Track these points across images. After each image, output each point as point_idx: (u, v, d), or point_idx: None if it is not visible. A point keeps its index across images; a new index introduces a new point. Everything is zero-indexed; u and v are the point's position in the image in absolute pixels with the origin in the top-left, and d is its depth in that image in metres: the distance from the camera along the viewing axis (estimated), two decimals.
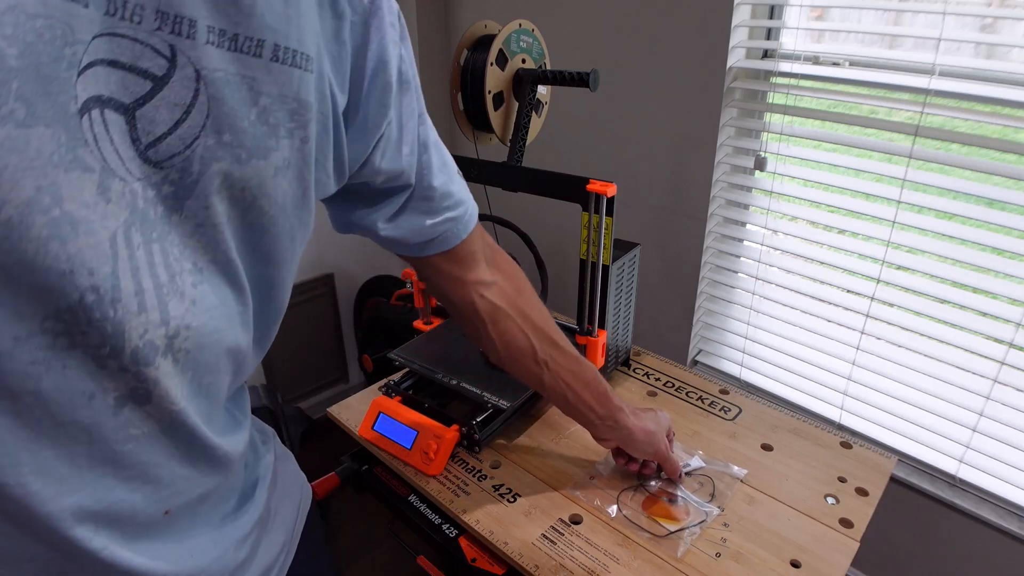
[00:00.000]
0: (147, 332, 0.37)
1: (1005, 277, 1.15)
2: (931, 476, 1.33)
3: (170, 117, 0.35)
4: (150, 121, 0.34)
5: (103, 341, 0.35)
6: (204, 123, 0.36)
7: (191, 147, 0.36)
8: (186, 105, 0.35)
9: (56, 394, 0.34)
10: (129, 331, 0.36)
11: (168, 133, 0.35)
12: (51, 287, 0.32)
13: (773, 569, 0.71)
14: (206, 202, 0.38)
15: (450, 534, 0.80)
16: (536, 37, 1.01)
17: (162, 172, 0.35)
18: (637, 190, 1.61)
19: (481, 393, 0.89)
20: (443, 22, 1.98)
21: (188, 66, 0.34)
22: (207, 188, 0.38)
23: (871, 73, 1.22)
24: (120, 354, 0.36)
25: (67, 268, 0.32)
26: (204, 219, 0.39)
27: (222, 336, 0.42)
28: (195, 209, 0.38)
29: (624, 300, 1.00)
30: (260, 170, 0.40)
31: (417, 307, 1.12)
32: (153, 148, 0.35)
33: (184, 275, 0.38)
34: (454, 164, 0.62)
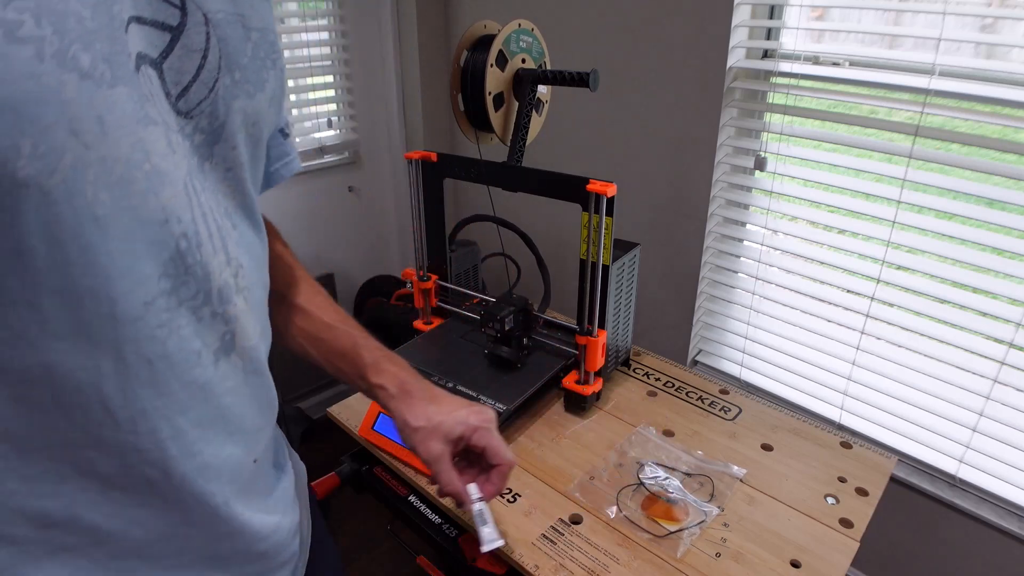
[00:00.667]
0: (223, 271, 0.39)
1: (1005, 277, 1.15)
2: (931, 476, 1.33)
3: (192, 65, 0.35)
4: (176, 71, 0.35)
5: (197, 289, 0.36)
6: (219, 64, 0.37)
7: (213, 90, 0.37)
8: (203, 50, 0.35)
9: (179, 355, 0.36)
10: (212, 272, 0.37)
11: (193, 81, 0.36)
12: (156, 240, 0.33)
13: (773, 569, 0.71)
14: (233, 142, 0.40)
15: (450, 534, 0.80)
16: (536, 36, 1.01)
17: (192, 121, 0.36)
18: (637, 190, 1.61)
19: (478, 396, 0.89)
20: (443, 22, 1.98)
21: (197, 11, 0.35)
22: (233, 129, 0.39)
23: (871, 73, 1.22)
24: (210, 298, 0.38)
25: (163, 218, 0.34)
26: (232, 162, 0.40)
27: (262, 274, 0.45)
28: (223, 153, 0.39)
29: (624, 300, 1.00)
30: (261, 104, 0.41)
31: (417, 307, 1.12)
32: (183, 98, 0.35)
33: (225, 218, 0.40)
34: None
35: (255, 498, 0.46)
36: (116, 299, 0.32)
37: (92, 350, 0.32)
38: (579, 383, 0.94)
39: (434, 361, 0.97)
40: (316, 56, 1.84)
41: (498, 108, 0.99)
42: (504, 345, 0.96)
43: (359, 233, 2.11)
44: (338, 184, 2.02)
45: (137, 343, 0.34)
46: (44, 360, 0.31)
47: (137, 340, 0.34)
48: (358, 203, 2.08)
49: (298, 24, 1.82)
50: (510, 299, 0.97)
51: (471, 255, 1.15)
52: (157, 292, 0.34)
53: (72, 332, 0.31)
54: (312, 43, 1.82)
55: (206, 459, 0.39)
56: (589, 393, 0.93)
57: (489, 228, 1.12)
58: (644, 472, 0.84)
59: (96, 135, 0.29)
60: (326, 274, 2.05)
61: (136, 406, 0.35)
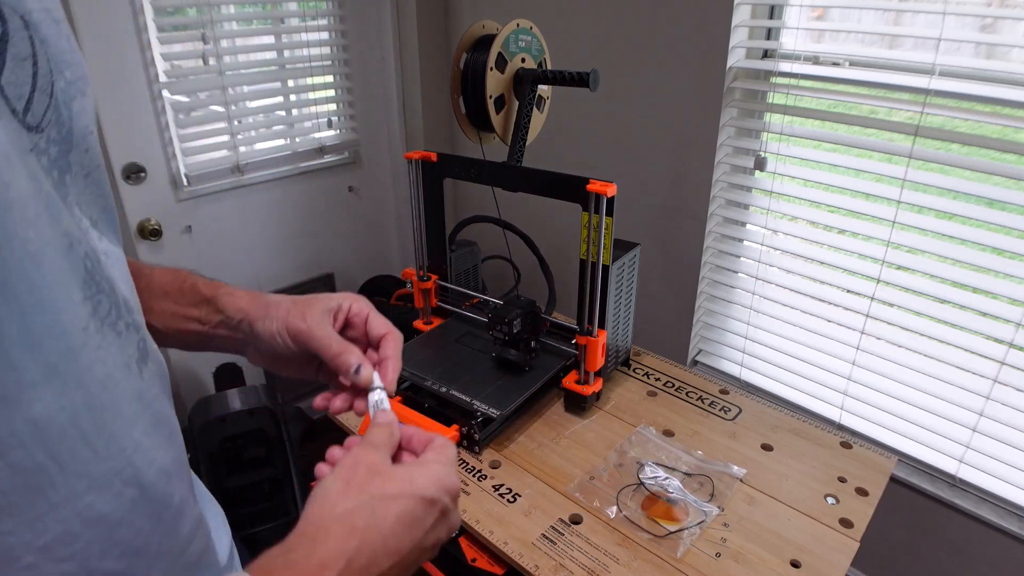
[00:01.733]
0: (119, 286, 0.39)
1: (1005, 277, 1.15)
2: (931, 476, 1.33)
3: (26, 75, 0.33)
4: (15, 86, 0.32)
5: (110, 305, 0.37)
6: (49, 68, 0.35)
7: (52, 95, 0.35)
8: (31, 56, 0.33)
9: (118, 372, 0.36)
10: (116, 285, 0.38)
11: (32, 91, 0.34)
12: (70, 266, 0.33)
13: (773, 569, 0.71)
14: (85, 144, 0.38)
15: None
16: (535, 34, 1.01)
17: (44, 134, 0.34)
18: (637, 190, 1.61)
19: (471, 401, 0.88)
20: (443, 22, 1.98)
21: (14, 16, 0.33)
22: (80, 131, 0.38)
23: (871, 73, 1.22)
24: (120, 311, 0.38)
25: (68, 242, 0.33)
26: (89, 166, 0.39)
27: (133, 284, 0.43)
28: (79, 159, 0.38)
29: (624, 300, 1.00)
30: (91, 101, 0.39)
31: (417, 307, 1.12)
32: (28, 112, 0.33)
33: (92, 230, 0.39)
34: None
35: (197, 495, 0.48)
36: (67, 330, 0.32)
37: (64, 388, 0.33)
38: (579, 383, 0.94)
39: (427, 366, 0.97)
40: (316, 56, 1.84)
41: (499, 110, 0.99)
42: (512, 348, 0.95)
43: (359, 233, 2.11)
44: (338, 184, 2.02)
45: (91, 369, 0.34)
46: (28, 415, 0.31)
47: (91, 366, 0.34)
48: (358, 203, 2.08)
49: (298, 24, 1.82)
50: (517, 301, 0.96)
51: (471, 255, 1.15)
52: (86, 316, 0.34)
53: (45, 377, 0.31)
54: (312, 43, 1.82)
55: (161, 464, 0.40)
56: (589, 393, 0.93)
57: (489, 228, 1.12)
58: (644, 472, 0.84)
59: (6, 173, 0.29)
60: (326, 274, 2.06)
61: (107, 430, 0.35)
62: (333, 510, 0.39)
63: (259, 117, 1.82)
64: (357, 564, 0.37)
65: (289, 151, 1.87)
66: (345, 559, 0.37)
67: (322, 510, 0.39)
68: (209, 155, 1.72)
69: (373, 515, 0.39)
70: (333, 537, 0.37)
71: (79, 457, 0.34)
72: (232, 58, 1.79)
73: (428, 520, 0.41)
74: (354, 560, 0.37)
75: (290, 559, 0.36)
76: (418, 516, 0.41)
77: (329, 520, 0.38)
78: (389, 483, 0.41)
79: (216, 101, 1.70)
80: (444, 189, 1.06)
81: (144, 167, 1.60)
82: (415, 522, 0.41)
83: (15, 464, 0.31)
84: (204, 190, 1.72)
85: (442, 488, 0.43)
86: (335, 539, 0.37)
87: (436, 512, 0.42)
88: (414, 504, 0.41)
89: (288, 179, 1.89)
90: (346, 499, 0.39)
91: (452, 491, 0.43)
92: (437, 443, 0.47)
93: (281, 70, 1.82)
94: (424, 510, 0.41)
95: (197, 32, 1.59)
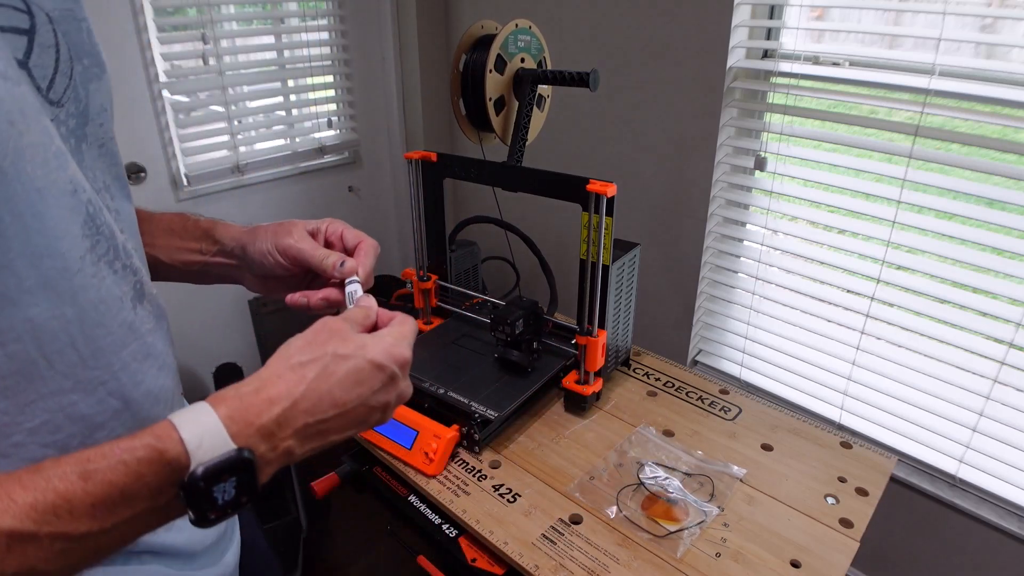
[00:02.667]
0: (120, 232, 0.45)
1: (1005, 277, 1.15)
2: (931, 476, 1.33)
3: (50, 60, 0.40)
4: (40, 68, 0.39)
5: (108, 246, 0.43)
6: (70, 55, 0.42)
7: (72, 78, 0.42)
8: (55, 45, 0.40)
9: (110, 299, 0.43)
10: (114, 231, 0.44)
11: (55, 73, 0.41)
12: (73, 206, 0.40)
13: (773, 569, 0.71)
14: (99, 120, 0.45)
15: (450, 534, 0.80)
16: (534, 34, 1.01)
17: (64, 108, 0.42)
18: (637, 190, 1.61)
19: (469, 403, 0.88)
20: (443, 22, 1.98)
21: (40, 12, 0.39)
22: (95, 108, 0.45)
23: (871, 73, 1.22)
24: (118, 253, 0.44)
25: (72, 188, 0.40)
26: (103, 138, 0.46)
27: (139, 235, 0.51)
28: (94, 131, 0.45)
29: (624, 300, 1.00)
30: (108, 83, 0.47)
31: (417, 307, 1.12)
32: (51, 90, 0.40)
33: (105, 191, 0.46)
34: None
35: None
36: (64, 254, 0.39)
37: (57, 300, 0.39)
38: (579, 383, 0.94)
39: (425, 367, 0.97)
40: (316, 56, 1.84)
41: (499, 111, 0.99)
42: (514, 349, 0.95)
43: None
44: (338, 184, 2.02)
45: (84, 290, 0.40)
46: (26, 315, 0.37)
47: (84, 288, 0.40)
48: (358, 203, 2.08)
49: (298, 24, 1.82)
50: (520, 302, 0.96)
51: (471, 255, 1.15)
52: (84, 249, 0.40)
53: (41, 286, 0.38)
54: (312, 43, 1.82)
55: (148, 387, 0.46)
56: (589, 393, 0.93)
57: (489, 228, 1.12)
58: (644, 472, 0.84)
59: (23, 124, 0.36)
60: None
61: (94, 344, 0.41)
62: (289, 361, 0.44)
63: (259, 117, 1.82)
64: (302, 406, 0.42)
65: (289, 151, 1.87)
66: (291, 400, 0.41)
67: (280, 360, 0.44)
68: (209, 155, 1.72)
69: (324, 369, 0.44)
70: (283, 381, 0.42)
71: (67, 359, 0.40)
72: (232, 58, 1.79)
73: (375, 382, 0.46)
74: (299, 402, 0.42)
75: (241, 391, 0.41)
76: (365, 377, 0.45)
77: (284, 368, 0.43)
78: (344, 345, 0.45)
79: (216, 101, 1.70)
80: (444, 189, 1.06)
81: (144, 167, 1.60)
82: (361, 381, 0.45)
83: (12, 354, 0.37)
84: (204, 190, 1.72)
85: (390, 357, 0.47)
86: (284, 383, 0.42)
87: (384, 376, 0.46)
88: (363, 365, 0.45)
89: (288, 179, 1.89)
90: (303, 353, 0.44)
91: (400, 361, 0.48)
92: (397, 319, 0.52)
93: (281, 70, 1.82)
94: (371, 372, 0.46)
95: (197, 32, 1.59)
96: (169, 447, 0.36)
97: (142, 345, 0.46)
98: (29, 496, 0.32)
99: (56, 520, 0.32)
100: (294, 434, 0.41)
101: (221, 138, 1.73)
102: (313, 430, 0.43)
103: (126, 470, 0.35)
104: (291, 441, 0.41)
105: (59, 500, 0.33)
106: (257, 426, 0.39)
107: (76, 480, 0.33)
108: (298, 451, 0.42)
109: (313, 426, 0.42)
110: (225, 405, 0.39)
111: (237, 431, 0.38)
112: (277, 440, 0.40)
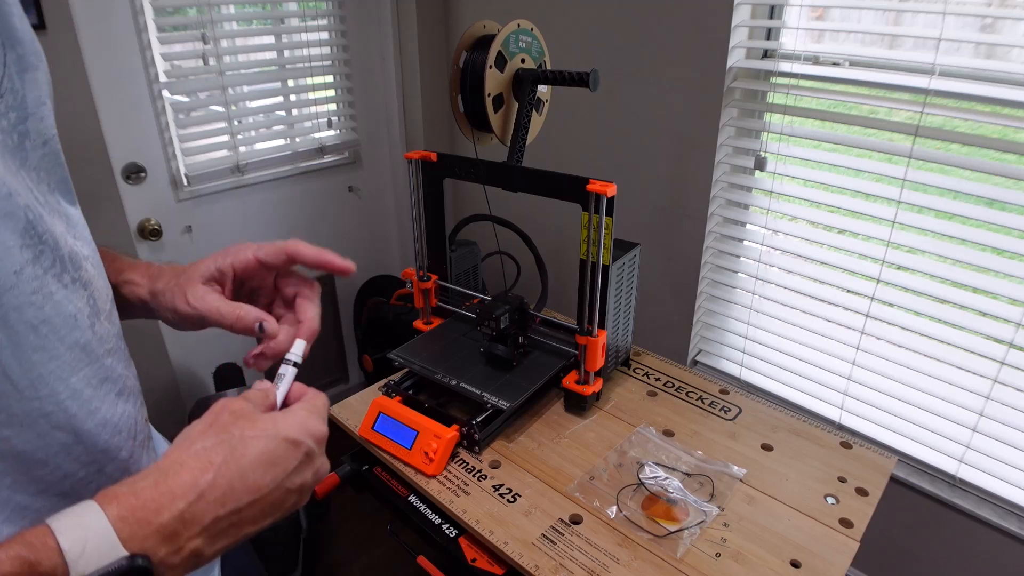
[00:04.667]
0: (67, 239, 0.40)
1: (1005, 277, 1.15)
2: (931, 476, 1.33)
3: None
4: None
5: (53, 257, 0.38)
6: (3, 43, 0.37)
7: (6, 66, 0.38)
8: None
9: (58, 319, 0.38)
10: (59, 240, 0.39)
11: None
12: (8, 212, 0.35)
13: (773, 569, 0.71)
14: (39, 114, 0.40)
15: (450, 534, 0.80)
16: (535, 35, 1.01)
17: (2, 100, 0.37)
18: (637, 190, 1.61)
19: (481, 394, 0.89)
20: (443, 22, 1.98)
21: None
22: (34, 99, 0.40)
23: (871, 73, 1.22)
24: (65, 265, 0.39)
25: (7, 192, 0.35)
26: (46, 134, 0.41)
27: (93, 243, 0.46)
28: (35, 127, 0.40)
29: (624, 300, 1.00)
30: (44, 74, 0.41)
31: (417, 307, 1.12)
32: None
33: (50, 194, 0.41)
34: None
35: (156, 455, 0.49)
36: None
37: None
38: (579, 383, 0.94)
39: (436, 360, 0.97)
40: (316, 56, 1.84)
41: (497, 109, 0.99)
42: (500, 343, 0.96)
43: (359, 233, 2.11)
44: (338, 184, 2.02)
45: (19, 310, 0.35)
46: None
47: (19, 307, 0.35)
48: (358, 203, 2.08)
49: (298, 24, 1.82)
50: (505, 298, 0.97)
51: (471, 255, 1.15)
52: (22, 261, 0.36)
53: None
54: (312, 43, 1.82)
55: (104, 415, 0.41)
56: (589, 393, 0.94)
57: (489, 228, 1.12)
58: (644, 472, 0.84)
59: None
60: (326, 273, 2.05)
61: (33, 372, 0.36)
62: (191, 447, 0.39)
63: (259, 117, 1.82)
64: (210, 496, 0.37)
65: (289, 151, 1.87)
66: (197, 491, 0.36)
67: (180, 449, 0.39)
68: (209, 155, 1.72)
69: (232, 452, 0.39)
70: (187, 470, 0.37)
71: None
72: (232, 58, 1.79)
73: (291, 461, 0.41)
74: (207, 493, 0.37)
75: (137, 486, 0.36)
76: (279, 456, 0.41)
77: (186, 455, 0.38)
78: (251, 426, 0.41)
79: (216, 101, 1.70)
80: (444, 189, 1.06)
81: (144, 167, 1.60)
82: (276, 461, 0.40)
83: None
84: (204, 190, 1.72)
85: (305, 431, 0.43)
86: (188, 472, 0.37)
87: (300, 454, 0.42)
88: (276, 444, 0.41)
89: (288, 179, 1.89)
90: (205, 438, 0.39)
91: (316, 435, 0.44)
92: (308, 395, 0.48)
93: (281, 70, 1.82)
94: (286, 450, 0.41)
95: (197, 32, 1.59)
96: (43, 558, 0.30)
97: (98, 368, 0.41)
98: None
99: None
100: (202, 532, 0.36)
101: (221, 138, 1.73)
102: (224, 523, 0.37)
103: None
104: (198, 540, 0.36)
105: None
106: (156, 526, 0.34)
107: None
108: (207, 552, 0.37)
109: (224, 519, 0.37)
110: (117, 504, 0.34)
111: (130, 534, 0.33)
112: (182, 541, 0.35)
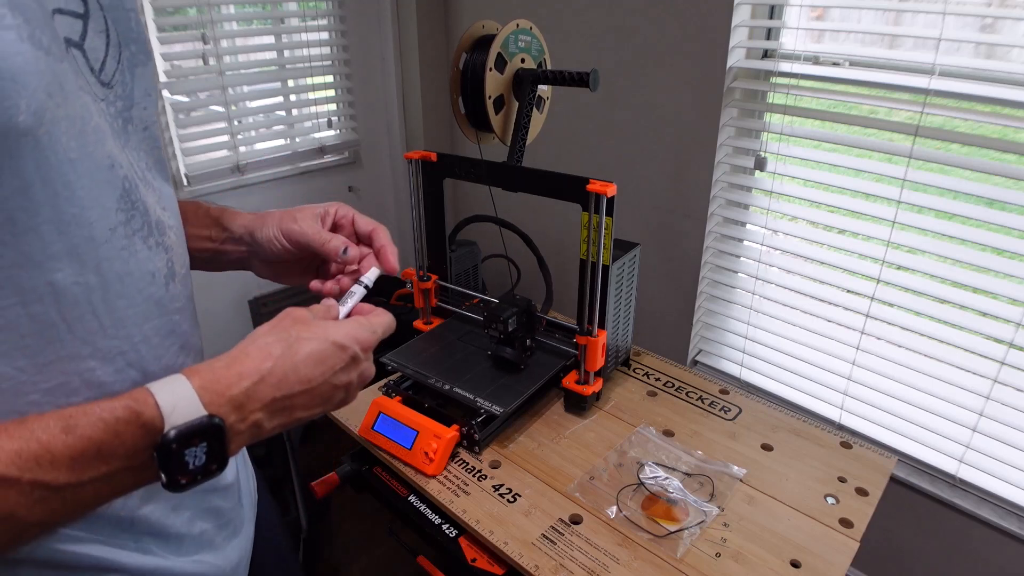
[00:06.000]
0: (156, 208, 0.47)
1: (1005, 277, 1.15)
2: (931, 476, 1.33)
3: (102, 43, 0.43)
4: (93, 50, 0.42)
5: (142, 221, 0.45)
6: (119, 40, 0.44)
7: (120, 61, 0.45)
8: (105, 30, 0.43)
9: (139, 273, 0.44)
10: (150, 208, 0.46)
11: (106, 56, 0.43)
12: (109, 180, 0.42)
13: (773, 569, 0.71)
14: (144, 103, 0.47)
15: (450, 534, 0.80)
16: (535, 35, 1.01)
17: (113, 90, 0.44)
18: (637, 190, 1.61)
19: (475, 399, 0.88)
20: (443, 22, 1.98)
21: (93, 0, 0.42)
22: (140, 92, 0.47)
23: (871, 73, 1.22)
24: (152, 230, 0.46)
25: (110, 163, 0.42)
26: (147, 120, 0.48)
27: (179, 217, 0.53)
28: (139, 114, 0.47)
29: (624, 300, 1.00)
30: (152, 69, 0.49)
31: (417, 307, 1.12)
32: (102, 71, 0.43)
33: (147, 171, 0.48)
34: None
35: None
36: (92, 224, 0.40)
37: (81, 268, 0.40)
38: (579, 383, 0.94)
39: (430, 364, 0.97)
40: (316, 56, 1.84)
41: (498, 111, 0.99)
42: (507, 346, 0.95)
43: None
44: (338, 184, 2.02)
45: (110, 261, 0.42)
46: (49, 279, 0.39)
47: (110, 259, 0.42)
48: (358, 203, 2.08)
49: (298, 24, 1.82)
50: (513, 300, 0.96)
51: (471, 255, 1.15)
52: (116, 221, 0.42)
53: (66, 253, 0.39)
54: (312, 43, 1.82)
55: (168, 362, 0.48)
56: (589, 393, 0.93)
57: (489, 228, 1.12)
58: (644, 472, 0.84)
59: (61, 97, 0.37)
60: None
61: (116, 314, 0.43)
62: (256, 341, 0.46)
63: (259, 117, 1.82)
64: (270, 381, 0.44)
65: (289, 151, 1.87)
66: (260, 375, 0.44)
67: (247, 342, 0.46)
68: (209, 155, 1.72)
69: (288, 348, 0.46)
70: (251, 358, 0.44)
71: (86, 326, 0.41)
72: (232, 58, 1.79)
73: (337, 362, 0.48)
74: (267, 377, 0.44)
75: (214, 365, 0.43)
76: (327, 355, 0.48)
77: (252, 347, 0.45)
78: (306, 329, 0.48)
79: (216, 101, 1.70)
80: (444, 189, 1.06)
81: None
82: (324, 359, 0.47)
83: (33, 315, 0.38)
84: (204, 190, 1.72)
85: (352, 338, 0.49)
86: (252, 360, 0.44)
87: (346, 357, 0.49)
88: (325, 346, 0.48)
89: (288, 179, 1.89)
90: (268, 335, 0.47)
91: (363, 343, 0.50)
92: (375, 311, 0.55)
93: (281, 70, 1.82)
94: (334, 352, 0.48)
95: (197, 32, 1.59)
96: (145, 410, 0.38)
97: (167, 322, 0.47)
98: (14, 444, 0.34)
99: (37, 468, 0.34)
100: (263, 407, 0.43)
101: (221, 138, 1.73)
102: (280, 405, 0.45)
103: (104, 427, 0.37)
104: (260, 414, 0.43)
105: (41, 450, 0.35)
106: (228, 397, 0.41)
107: (58, 433, 0.35)
108: (267, 425, 0.44)
109: (280, 400, 0.44)
110: (199, 376, 0.41)
111: (209, 400, 0.40)
112: (246, 411, 0.42)
